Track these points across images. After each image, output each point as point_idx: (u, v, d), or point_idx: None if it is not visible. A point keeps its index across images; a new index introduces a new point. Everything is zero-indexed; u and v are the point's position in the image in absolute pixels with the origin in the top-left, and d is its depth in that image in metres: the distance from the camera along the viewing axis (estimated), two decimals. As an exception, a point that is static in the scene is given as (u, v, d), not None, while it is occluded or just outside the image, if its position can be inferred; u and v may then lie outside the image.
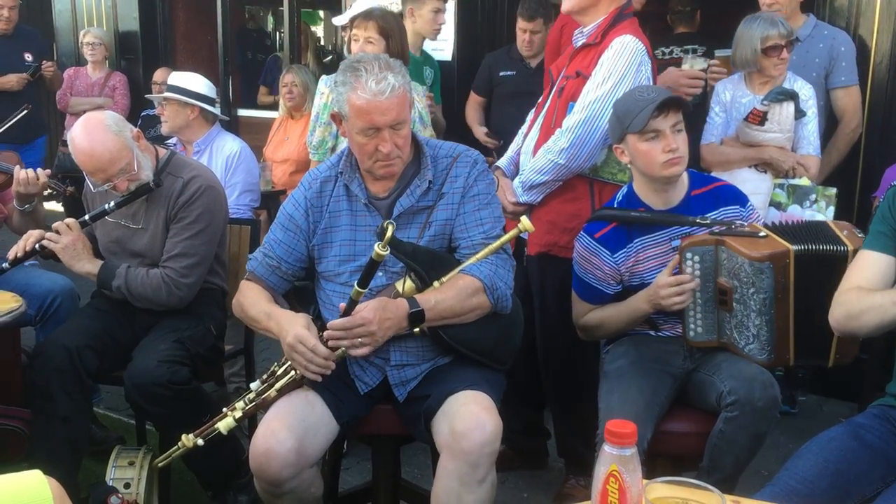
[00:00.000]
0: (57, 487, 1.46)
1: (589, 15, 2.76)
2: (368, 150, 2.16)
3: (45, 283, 3.27)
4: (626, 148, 2.42)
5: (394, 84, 2.10)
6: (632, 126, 2.35)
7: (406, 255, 2.15)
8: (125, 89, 6.37)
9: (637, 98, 2.39)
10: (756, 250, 2.22)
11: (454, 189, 2.24)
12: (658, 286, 2.35)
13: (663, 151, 2.35)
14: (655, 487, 1.28)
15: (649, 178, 2.43)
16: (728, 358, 2.34)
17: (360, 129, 2.13)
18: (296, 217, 2.29)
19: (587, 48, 2.76)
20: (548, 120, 2.82)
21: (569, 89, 2.76)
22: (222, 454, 2.73)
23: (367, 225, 2.25)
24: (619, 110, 2.42)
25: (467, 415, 2.05)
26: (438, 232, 2.24)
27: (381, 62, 2.14)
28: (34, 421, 2.61)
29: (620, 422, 1.26)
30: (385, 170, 2.19)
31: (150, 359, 2.60)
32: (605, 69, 2.64)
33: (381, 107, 2.09)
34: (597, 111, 2.63)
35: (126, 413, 3.59)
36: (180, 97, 3.64)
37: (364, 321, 2.06)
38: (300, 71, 5.10)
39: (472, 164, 2.27)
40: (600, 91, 2.64)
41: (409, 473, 2.95)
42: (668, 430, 2.33)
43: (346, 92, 2.13)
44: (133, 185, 2.74)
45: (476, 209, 2.24)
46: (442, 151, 2.29)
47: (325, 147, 3.53)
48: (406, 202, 2.23)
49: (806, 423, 3.72)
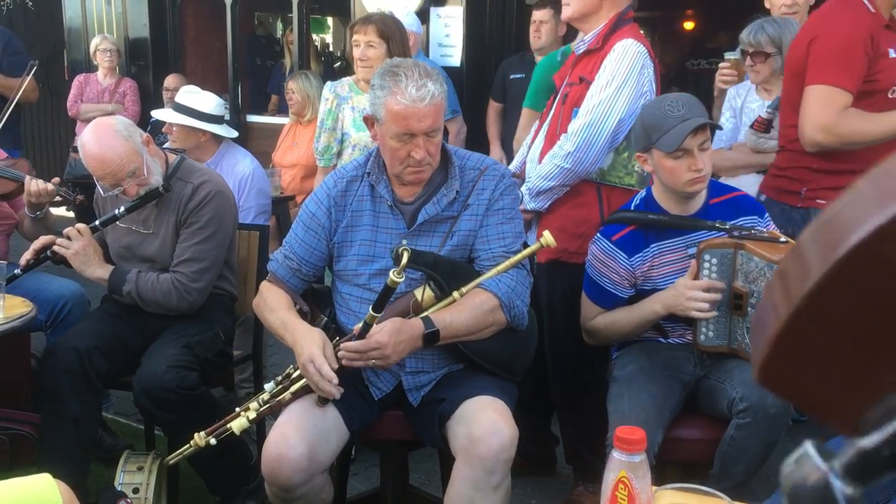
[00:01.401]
0: (66, 490, 1.46)
1: (590, 22, 2.77)
2: (401, 155, 2.16)
3: (56, 289, 3.29)
4: (651, 159, 2.39)
5: (433, 91, 2.10)
6: (661, 144, 2.32)
7: (427, 266, 2.16)
8: (135, 95, 6.40)
9: (667, 113, 2.33)
10: (777, 254, 2.21)
11: (480, 201, 2.24)
12: (685, 287, 2.32)
13: (689, 170, 2.33)
14: (665, 494, 1.28)
15: (670, 189, 2.42)
16: (739, 364, 2.33)
17: (396, 133, 2.13)
18: (318, 215, 2.29)
19: (589, 54, 2.77)
20: (553, 127, 2.83)
21: (573, 95, 2.77)
22: (231, 459, 2.73)
23: (388, 227, 2.25)
24: (647, 123, 2.36)
25: (485, 420, 2.05)
26: (461, 242, 2.24)
27: (421, 69, 2.14)
28: (44, 424, 2.63)
29: (630, 428, 1.26)
30: (415, 176, 2.20)
31: (160, 364, 2.61)
32: (608, 73, 2.64)
33: (419, 113, 2.09)
34: (601, 114, 2.62)
35: (135, 418, 3.60)
36: (189, 123, 3.63)
37: (379, 345, 2.06)
38: (300, 78, 5.08)
39: (500, 177, 2.27)
40: (604, 94, 2.63)
41: (416, 479, 2.95)
42: (678, 436, 2.32)
43: (384, 96, 2.12)
44: (143, 189, 2.75)
45: (499, 223, 2.24)
46: (470, 163, 2.29)
47: (330, 153, 3.54)
48: (431, 210, 2.23)
49: (816, 430, 3.69)
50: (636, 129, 2.45)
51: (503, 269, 2.19)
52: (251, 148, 6.55)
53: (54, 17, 8.07)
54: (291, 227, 2.37)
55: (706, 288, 2.29)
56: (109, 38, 6.49)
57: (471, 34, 5.29)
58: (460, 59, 5.31)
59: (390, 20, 3.39)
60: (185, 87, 3.95)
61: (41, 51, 9.57)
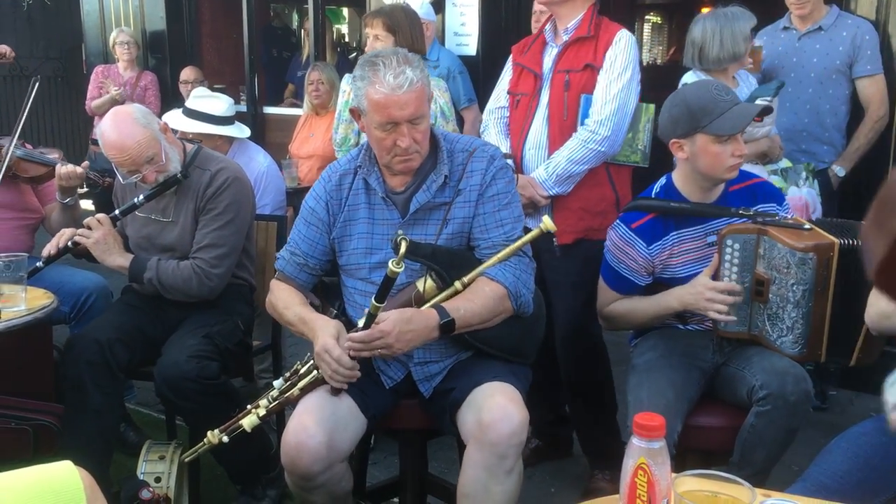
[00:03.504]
0: (87, 477, 1.47)
1: (566, 7, 2.85)
2: (387, 144, 2.16)
3: (80, 282, 3.32)
4: (690, 145, 2.34)
5: (412, 78, 2.09)
6: (713, 128, 2.28)
7: (426, 258, 2.16)
8: (156, 89, 6.42)
9: (716, 97, 2.31)
10: (801, 241, 2.19)
11: (471, 185, 2.22)
12: (704, 287, 2.31)
13: (732, 155, 2.32)
14: (685, 480, 1.27)
15: (702, 176, 2.38)
16: (759, 352, 2.31)
17: (379, 123, 2.13)
18: (317, 210, 2.31)
19: (581, 41, 2.83)
20: (556, 113, 2.84)
21: (578, 82, 2.81)
22: (251, 449, 2.75)
23: (384, 219, 2.25)
24: (696, 107, 2.31)
25: (494, 406, 2.05)
26: (456, 230, 2.23)
27: (400, 56, 2.13)
28: (66, 415, 2.66)
29: (649, 414, 1.25)
30: (403, 164, 2.19)
31: (180, 354, 2.63)
32: (622, 61, 2.78)
33: (399, 101, 2.09)
34: (624, 100, 2.78)
35: (156, 409, 3.64)
36: (203, 129, 3.66)
37: (382, 333, 2.07)
38: (326, 68, 5.11)
39: (490, 159, 2.25)
40: (622, 81, 2.77)
41: (435, 468, 2.95)
42: (698, 424, 2.31)
43: (364, 87, 2.13)
44: (161, 176, 2.77)
45: (496, 210, 2.22)
46: (458, 146, 2.28)
47: (348, 144, 3.55)
48: (422, 198, 2.22)
49: (837, 418, 3.67)
50: (676, 114, 2.36)
51: (504, 257, 2.18)
52: (268, 140, 6.61)
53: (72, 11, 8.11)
54: (294, 224, 2.38)
55: (726, 290, 2.28)
56: (126, 30, 6.51)
57: (486, 22, 5.26)
58: (476, 47, 5.28)
59: (400, 12, 3.38)
60: (196, 92, 3.96)
61: (59, 46, 9.65)
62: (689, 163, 2.38)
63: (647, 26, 11.28)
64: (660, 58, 11.23)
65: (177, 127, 3.65)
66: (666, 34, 11.36)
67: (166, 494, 2.64)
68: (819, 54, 3.59)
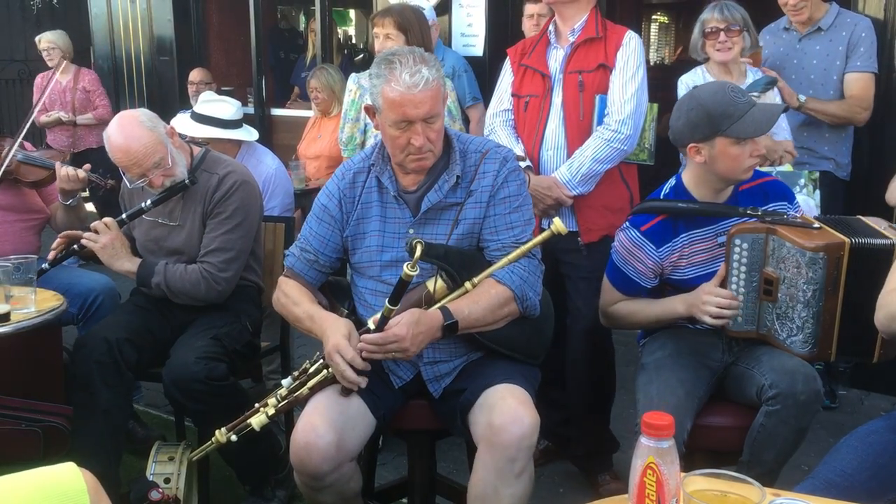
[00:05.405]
0: (91, 479, 1.47)
1: (572, 7, 2.88)
2: (401, 143, 2.16)
3: (88, 283, 3.33)
4: (709, 148, 2.31)
5: (428, 77, 2.09)
6: (734, 131, 2.26)
7: (438, 258, 2.15)
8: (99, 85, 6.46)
9: (734, 99, 2.29)
10: (811, 240, 2.18)
11: (482, 187, 2.22)
12: (703, 292, 2.31)
13: (750, 156, 2.30)
14: (694, 480, 1.27)
15: (718, 178, 2.36)
16: (768, 351, 2.31)
17: (393, 121, 2.13)
18: (330, 208, 2.31)
19: (590, 42, 2.86)
20: (572, 113, 2.85)
21: (592, 82, 2.84)
22: (260, 449, 2.76)
23: (396, 217, 2.25)
24: (715, 111, 2.27)
25: (505, 409, 2.04)
26: (467, 231, 2.23)
27: (416, 55, 2.13)
28: (76, 415, 2.66)
29: (657, 413, 1.24)
30: (417, 163, 2.19)
31: (189, 355, 2.63)
32: (633, 61, 2.84)
33: (414, 100, 2.09)
34: (640, 99, 2.84)
35: (165, 410, 3.65)
36: (212, 134, 3.66)
37: (397, 338, 2.06)
38: (323, 74, 5.05)
39: (502, 161, 2.24)
40: (637, 81, 2.83)
41: (444, 468, 2.95)
42: (707, 423, 2.30)
43: (380, 84, 2.13)
44: (168, 181, 2.77)
45: (507, 212, 2.22)
46: (472, 146, 2.28)
47: (353, 143, 3.56)
48: (434, 197, 2.22)
49: (846, 417, 3.66)
50: (694, 118, 2.31)
51: (514, 259, 2.18)
52: (276, 141, 6.62)
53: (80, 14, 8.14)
54: (306, 221, 2.38)
55: (725, 296, 2.28)
56: (46, 35, 6.42)
57: (493, 23, 5.26)
58: (483, 48, 5.28)
59: (409, 12, 3.38)
60: (204, 96, 3.97)
61: (68, 48, 9.68)
62: (705, 166, 2.35)
63: (654, 26, 11.25)
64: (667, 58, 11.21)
65: (186, 132, 3.66)
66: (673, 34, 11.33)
67: (176, 495, 2.65)
68: (819, 56, 3.58)
